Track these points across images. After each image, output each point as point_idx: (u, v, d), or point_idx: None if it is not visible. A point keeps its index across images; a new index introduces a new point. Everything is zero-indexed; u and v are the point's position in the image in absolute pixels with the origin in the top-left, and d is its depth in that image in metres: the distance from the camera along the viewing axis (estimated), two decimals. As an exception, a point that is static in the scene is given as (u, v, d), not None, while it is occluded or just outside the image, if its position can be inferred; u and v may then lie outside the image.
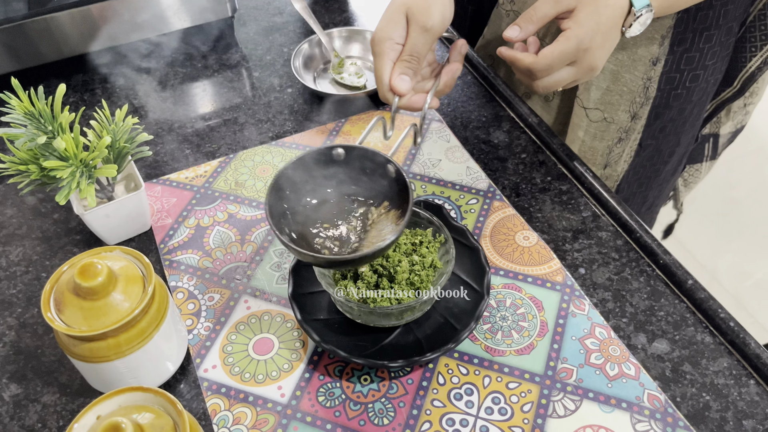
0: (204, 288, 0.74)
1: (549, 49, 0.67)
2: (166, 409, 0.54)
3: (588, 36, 0.66)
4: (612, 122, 0.90)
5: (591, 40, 0.67)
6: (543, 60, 0.67)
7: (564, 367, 0.67)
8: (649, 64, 0.85)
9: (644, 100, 0.88)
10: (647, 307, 0.71)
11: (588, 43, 0.67)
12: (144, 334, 0.61)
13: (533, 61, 0.67)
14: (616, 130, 0.91)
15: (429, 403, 0.65)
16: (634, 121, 0.90)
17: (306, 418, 0.64)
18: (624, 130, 0.91)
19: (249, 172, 0.86)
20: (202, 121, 0.94)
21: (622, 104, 0.88)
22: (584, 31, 0.66)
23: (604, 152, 0.94)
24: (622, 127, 0.91)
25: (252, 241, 0.78)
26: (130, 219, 0.77)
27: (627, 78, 0.86)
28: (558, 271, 0.75)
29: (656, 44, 0.83)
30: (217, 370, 0.68)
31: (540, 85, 0.71)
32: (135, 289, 0.61)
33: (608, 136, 0.92)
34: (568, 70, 0.70)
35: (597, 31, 0.67)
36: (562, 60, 0.68)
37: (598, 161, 0.95)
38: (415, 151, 0.88)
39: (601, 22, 0.67)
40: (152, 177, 0.86)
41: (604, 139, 0.93)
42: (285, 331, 0.70)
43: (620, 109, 0.89)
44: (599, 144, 0.93)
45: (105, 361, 0.60)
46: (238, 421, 0.64)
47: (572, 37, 0.66)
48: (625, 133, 0.91)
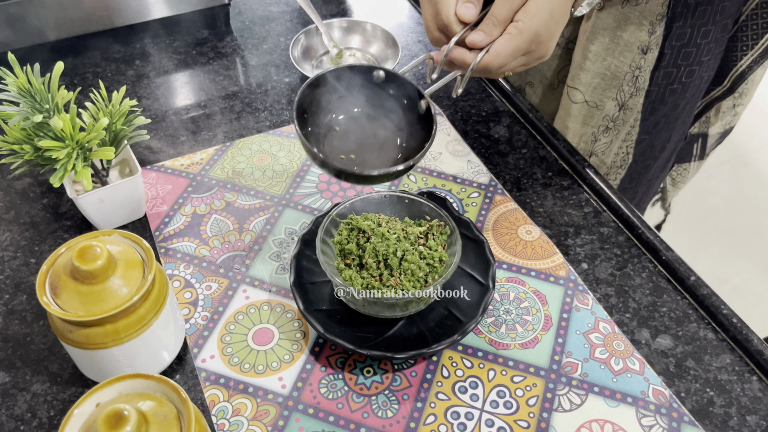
0: (201, 277, 0.72)
1: (502, 46, 0.64)
2: (169, 396, 0.52)
3: (541, 27, 0.64)
4: (596, 107, 0.90)
5: (545, 30, 0.64)
6: (497, 59, 0.64)
7: (569, 361, 0.66)
8: (638, 52, 0.85)
9: (634, 91, 0.87)
10: (650, 303, 0.71)
11: (542, 35, 0.64)
12: (143, 321, 0.59)
13: (488, 62, 0.64)
14: (602, 117, 0.91)
15: (433, 395, 0.64)
16: (623, 112, 0.90)
17: (308, 409, 0.62)
18: (611, 119, 0.91)
19: (246, 160, 0.84)
20: (198, 108, 0.92)
21: (608, 90, 0.88)
22: (537, 22, 0.63)
23: (589, 139, 0.93)
24: (608, 116, 0.90)
25: (251, 230, 0.77)
26: (125, 205, 0.75)
27: (611, 62, 0.86)
28: (561, 265, 0.74)
29: (644, 31, 0.83)
30: (216, 361, 0.66)
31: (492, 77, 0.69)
32: (134, 275, 0.59)
33: (593, 122, 0.92)
34: (519, 59, 0.68)
35: (550, 20, 0.64)
36: (516, 55, 0.65)
37: (581, 147, 0.95)
38: (415, 144, 0.87)
39: (554, 10, 0.64)
40: (147, 164, 0.84)
41: (589, 124, 0.92)
42: (285, 321, 0.69)
43: (606, 96, 0.88)
44: (586, 129, 0.93)
45: (102, 348, 0.58)
46: (238, 412, 0.62)
47: (525, 31, 0.63)
48: (612, 123, 0.91)
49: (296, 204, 0.80)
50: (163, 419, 0.50)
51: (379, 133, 0.68)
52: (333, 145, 0.67)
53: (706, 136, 1.05)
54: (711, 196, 2.39)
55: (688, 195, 2.21)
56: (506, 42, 0.64)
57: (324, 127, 0.67)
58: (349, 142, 0.67)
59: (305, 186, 0.82)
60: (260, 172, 0.83)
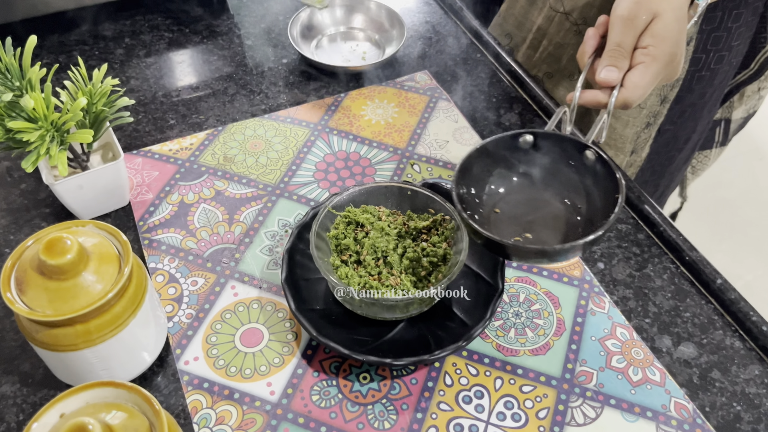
0: (186, 271, 0.67)
1: (639, 77, 0.59)
2: (141, 407, 0.47)
3: (675, 47, 0.60)
4: (643, 107, 0.85)
5: (678, 49, 0.60)
6: (636, 92, 0.59)
7: (583, 370, 0.61)
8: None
9: (674, 83, 0.82)
10: (672, 307, 0.66)
11: (676, 54, 0.60)
12: (118, 320, 0.54)
13: (627, 97, 0.60)
14: (646, 115, 0.85)
15: (435, 405, 0.58)
16: (662, 105, 0.84)
17: (298, 419, 0.57)
18: (653, 115, 0.85)
19: (239, 146, 0.79)
20: (189, 90, 0.86)
21: (655, 88, 0.82)
22: (669, 44, 0.59)
23: (632, 139, 0.88)
24: (651, 112, 0.85)
25: (241, 222, 0.71)
26: (107, 192, 0.70)
27: None
28: (576, 265, 0.69)
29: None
30: (200, 363, 0.61)
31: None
32: (109, 270, 0.53)
33: (638, 122, 0.86)
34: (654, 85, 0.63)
35: (680, 38, 0.60)
36: (654, 83, 0.61)
37: (627, 148, 0.89)
38: (420, 131, 0.81)
39: (681, 28, 0.60)
40: (132, 148, 0.79)
41: (635, 125, 0.87)
42: (276, 321, 0.64)
43: (653, 93, 0.83)
44: (629, 131, 0.87)
45: (72, 350, 0.53)
46: (222, 420, 0.57)
47: (660, 56, 0.59)
48: (653, 118, 0.85)
49: (291, 194, 0.74)
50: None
51: (548, 202, 0.63)
52: (500, 229, 0.61)
53: (729, 121, 0.99)
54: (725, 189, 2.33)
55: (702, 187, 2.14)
56: (643, 72, 0.59)
57: (485, 211, 0.62)
58: (518, 222, 0.62)
59: (301, 174, 0.76)
60: (253, 159, 0.77)
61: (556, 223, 0.62)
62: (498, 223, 0.62)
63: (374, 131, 0.81)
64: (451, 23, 0.98)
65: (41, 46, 0.91)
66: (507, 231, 0.61)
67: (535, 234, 0.61)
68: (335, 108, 0.84)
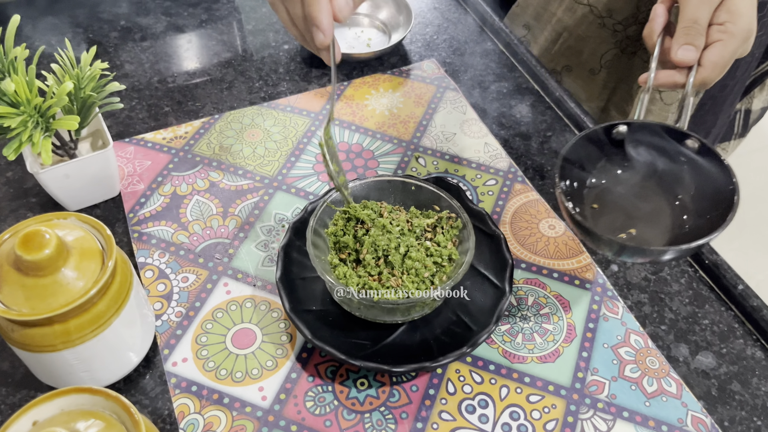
0: (177, 266, 0.64)
1: (717, 55, 0.56)
2: (120, 416, 0.43)
3: (749, 24, 0.57)
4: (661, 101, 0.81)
5: (752, 24, 0.57)
6: (715, 71, 0.57)
7: (594, 379, 0.57)
8: None
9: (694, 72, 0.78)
10: (689, 314, 0.62)
11: (753, 31, 0.57)
12: (100, 319, 0.51)
13: (705, 77, 0.57)
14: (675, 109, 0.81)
15: (436, 415, 0.55)
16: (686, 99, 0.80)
17: (291, 426, 0.54)
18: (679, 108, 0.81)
19: (236, 135, 0.75)
20: (185, 76, 0.83)
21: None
22: (746, 20, 0.56)
23: None
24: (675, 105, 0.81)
25: (236, 215, 0.68)
26: (96, 182, 0.66)
27: None
28: (588, 267, 0.65)
29: None
30: (188, 365, 0.57)
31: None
32: (91, 266, 0.50)
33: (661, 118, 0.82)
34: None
35: (753, 15, 0.57)
36: (731, 61, 0.58)
37: None
38: (426, 122, 0.77)
39: (754, 4, 0.57)
40: (125, 136, 0.75)
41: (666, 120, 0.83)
42: (270, 321, 0.60)
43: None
44: None
45: (50, 351, 0.50)
46: (210, 427, 0.54)
47: (738, 33, 0.56)
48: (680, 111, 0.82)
49: (289, 187, 0.71)
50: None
51: (648, 196, 0.59)
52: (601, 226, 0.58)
53: (749, 112, 0.95)
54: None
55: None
56: (721, 50, 0.56)
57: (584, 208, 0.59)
58: (619, 218, 0.58)
59: (300, 166, 0.72)
60: (250, 149, 0.74)
61: (658, 217, 0.58)
62: (598, 219, 0.59)
63: (378, 122, 0.77)
64: (461, 10, 0.94)
65: (33, 28, 0.87)
66: (608, 227, 0.58)
67: (639, 230, 0.58)
68: (338, 97, 0.80)
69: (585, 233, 0.53)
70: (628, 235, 0.57)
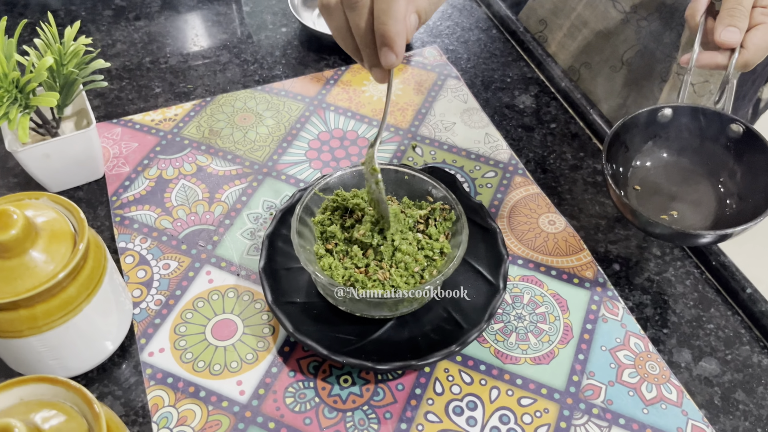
0: (159, 253, 0.61)
1: (761, 37, 0.55)
2: (81, 408, 0.41)
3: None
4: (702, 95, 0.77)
5: None
6: (758, 53, 0.56)
7: (590, 383, 0.54)
8: None
9: None
10: (694, 318, 0.59)
11: None
12: (71, 305, 0.48)
13: (748, 59, 0.56)
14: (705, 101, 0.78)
15: (422, 416, 0.52)
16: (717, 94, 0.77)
17: (268, 423, 0.51)
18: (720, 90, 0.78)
19: (227, 119, 0.73)
20: (179, 57, 0.80)
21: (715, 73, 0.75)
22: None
23: None
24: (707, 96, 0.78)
25: (222, 201, 0.65)
26: (77, 163, 0.64)
27: None
28: (588, 265, 0.62)
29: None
30: (165, 355, 0.55)
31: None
32: (62, 248, 0.48)
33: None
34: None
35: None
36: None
37: None
38: (426, 111, 0.74)
39: None
40: (113, 117, 0.73)
41: None
42: (252, 313, 0.58)
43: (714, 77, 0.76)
44: None
45: (15, 337, 0.47)
46: (184, 421, 0.51)
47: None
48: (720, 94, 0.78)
49: (279, 173, 0.68)
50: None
51: (690, 179, 0.60)
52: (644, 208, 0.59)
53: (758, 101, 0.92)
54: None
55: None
56: (765, 32, 0.55)
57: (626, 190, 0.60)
58: (661, 200, 0.60)
59: (292, 153, 0.70)
60: (241, 134, 0.71)
61: (701, 200, 0.60)
62: (640, 201, 0.60)
63: (375, 109, 0.74)
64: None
65: (25, 5, 0.85)
66: (650, 209, 0.59)
67: (680, 212, 0.59)
68: (334, 82, 0.77)
69: (632, 214, 0.54)
70: (670, 217, 0.58)
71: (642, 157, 0.62)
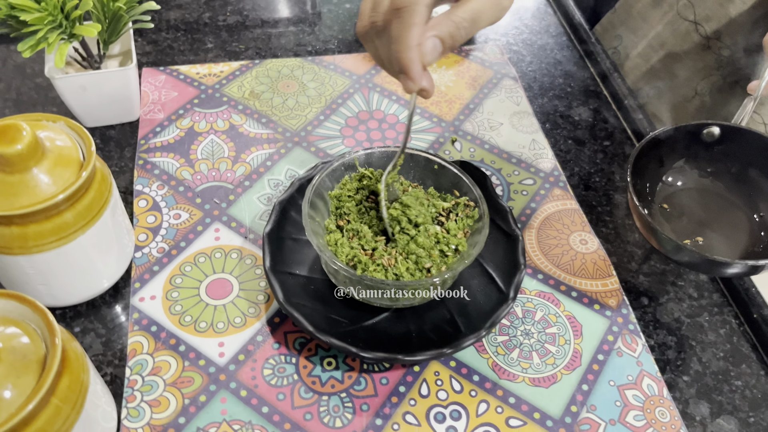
0: (173, 202, 0.60)
1: None
2: (43, 333, 0.40)
3: None
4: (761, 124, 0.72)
5: None
6: None
7: (589, 417, 0.50)
8: None
9: None
10: (721, 370, 0.53)
11: None
12: (64, 231, 0.47)
13: None
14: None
15: (400, 415, 0.49)
16: None
17: (240, 391, 0.49)
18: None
19: (270, 83, 0.71)
20: (237, 16, 0.79)
21: None
22: None
23: None
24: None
25: (246, 162, 0.64)
26: (113, 100, 0.64)
27: None
28: (614, 292, 0.57)
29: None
30: (155, 303, 0.54)
31: None
32: (66, 174, 0.47)
33: None
34: None
35: None
36: None
37: None
38: (474, 107, 0.71)
39: None
40: (161, 64, 0.73)
41: None
42: (251, 278, 0.56)
43: None
44: None
45: (5, 254, 0.47)
46: (158, 371, 0.50)
47: None
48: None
49: (310, 144, 0.66)
50: (19, 359, 0.38)
51: (728, 207, 0.56)
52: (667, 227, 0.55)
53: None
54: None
55: None
56: None
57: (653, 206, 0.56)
58: (689, 223, 0.55)
59: (327, 126, 0.68)
60: (281, 100, 0.70)
61: (734, 232, 0.55)
62: (666, 220, 0.56)
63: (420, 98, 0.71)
64: (543, 0, 0.87)
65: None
66: (675, 230, 0.55)
67: (707, 240, 0.54)
68: (386, 64, 0.75)
69: (649, 231, 0.50)
70: (693, 243, 0.53)
71: (675, 174, 0.57)
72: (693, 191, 0.56)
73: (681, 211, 0.56)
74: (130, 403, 0.48)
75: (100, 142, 0.65)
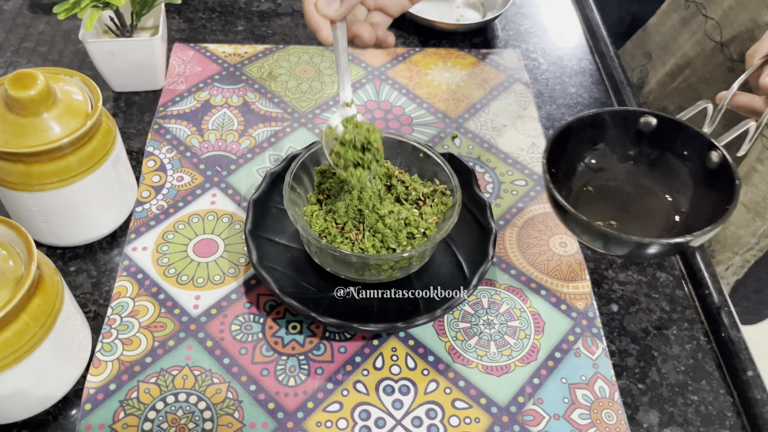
0: (179, 165, 0.65)
1: None
2: (24, 257, 0.44)
3: None
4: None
5: None
6: None
7: (533, 409, 0.51)
8: None
9: None
10: (678, 383, 0.53)
11: None
12: (66, 173, 0.52)
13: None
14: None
15: (351, 383, 0.51)
16: None
17: (206, 341, 0.53)
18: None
19: (289, 67, 0.75)
20: (270, 3, 0.84)
21: None
22: None
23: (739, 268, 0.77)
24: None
25: (252, 137, 0.68)
26: (139, 68, 0.69)
27: None
28: (584, 296, 0.58)
29: None
30: (146, 254, 0.58)
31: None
32: (73, 123, 0.52)
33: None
34: None
35: None
36: None
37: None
38: (480, 107, 0.73)
39: None
40: (191, 41, 0.78)
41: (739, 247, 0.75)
42: (237, 241, 0.59)
43: None
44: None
45: (10, 188, 0.52)
46: (136, 314, 0.54)
47: None
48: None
49: (314, 126, 0.69)
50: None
51: (648, 194, 0.57)
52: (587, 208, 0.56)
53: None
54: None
55: None
56: None
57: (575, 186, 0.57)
58: (608, 206, 0.57)
59: (334, 111, 0.71)
60: (295, 83, 0.73)
61: (649, 218, 0.56)
62: (586, 201, 0.57)
63: (430, 92, 0.74)
64: (570, 11, 0.88)
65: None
66: (593, 212, 0.55)
67: (622, 223, 0.55)
68: (402, 59, 0.78)
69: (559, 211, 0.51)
70: (607, 225, 0.53)
71: (603, 157, 0.57)
72: (617, 175, 0.57)
73: (602, 195, 0.56)
74: (106, 338, 0.52)
75: (125, 106, 0.70)
